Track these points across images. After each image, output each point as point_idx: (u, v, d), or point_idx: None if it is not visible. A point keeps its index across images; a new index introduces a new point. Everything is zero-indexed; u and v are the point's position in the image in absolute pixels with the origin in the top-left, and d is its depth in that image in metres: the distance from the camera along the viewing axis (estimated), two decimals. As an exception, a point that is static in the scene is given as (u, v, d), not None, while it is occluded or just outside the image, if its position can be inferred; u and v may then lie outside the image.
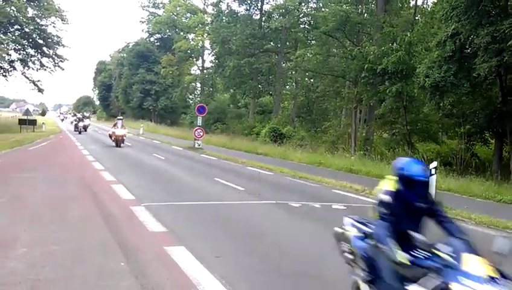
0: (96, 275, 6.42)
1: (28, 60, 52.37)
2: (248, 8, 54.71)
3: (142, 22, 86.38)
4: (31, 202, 11.75)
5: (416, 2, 38.56)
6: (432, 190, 13.43)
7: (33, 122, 51.60)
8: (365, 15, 37.72)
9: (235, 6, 54.97)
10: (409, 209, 4.42)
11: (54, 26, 52.60)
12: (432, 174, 13.63)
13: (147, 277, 6.39)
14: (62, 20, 52.36)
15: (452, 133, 29.92)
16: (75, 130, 53.28)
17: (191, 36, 75.01)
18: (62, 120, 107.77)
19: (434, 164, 14.06)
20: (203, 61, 75.21)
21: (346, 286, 6.46)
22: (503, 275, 3.77)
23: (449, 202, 13.32)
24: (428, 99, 23.22)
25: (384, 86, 27.66)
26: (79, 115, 58.96)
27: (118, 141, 32.76)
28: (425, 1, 40.92)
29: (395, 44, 27.58)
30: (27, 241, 7.94)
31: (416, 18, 35.80)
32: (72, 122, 73.82)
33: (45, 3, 50.34)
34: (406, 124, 28.43)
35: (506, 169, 21.33)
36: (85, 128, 53.38)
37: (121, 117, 37.88)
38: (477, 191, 16.19)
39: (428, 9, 35.86)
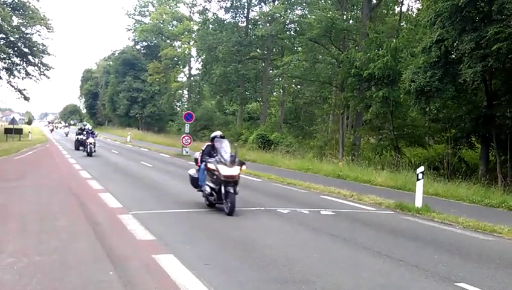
0: (85, 285, 6.37)
1: (14, 68, 52.04)
2: (234, 15, 54.83)
3: (128, 30, 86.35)
4: (17, 211, 11.64)
5: (401, 8, 38.97)
6: (419, 194, 13.55)
7: (19, 131, 51.22)
8: (351, 21, 37.95)
9: (221, 14, 55.15)
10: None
11: (39, 35, 52.35)
12: (418, 179, 13.73)
13: (136, 285, 6.35)
14: (47, 29, 52.09)
15: (439, 138, 30.14)
16: (78, 148, 35.30)
17: (177, 43, 74.97)
18: (51, 130, 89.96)
19: (421, 168, 14.15)
20: (190, 68, 75.33)
21: (334, 286, 6.48)
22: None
23: (436, 206, 13.46)
24: (413, 104, 23.36)
25: (370, 92, 27.84)
26: (88, 126, 35.69)
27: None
28: (410, 8, 41.33)
29: (381, 50, 27.77)
30: (14, 251, 7.86)
31: (402, 24, 36.09)
32: (66, 134, 69.12)
33: (30, 12, 50.05)
34: (393, 129, 28.59)
35: (493, 173, 21.52)
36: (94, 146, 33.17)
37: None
38: (464, 195, 16.34)
39: (413, 15, 36.15)
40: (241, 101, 55.10)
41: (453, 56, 20.59)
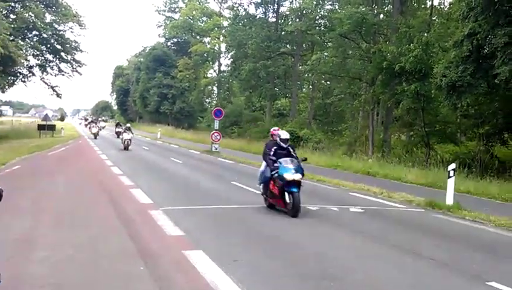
0: (116, 279, 6.50)
1: (47, 65, 52.77)
2: (264, 11, 54.83)
3: (159, 26, 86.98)
4: (51, 206, 11.89)
5: (432, 2, 38.40)
6: (450, 191, 13.37)
7: (52, 128, 52.03)
8: (381, 16, 37.57)
9: (251, 9, 55.22)
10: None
11: (71, 32, 53.01)
12: (450, 176, 13.55)
13: (166, 281, 6.44)
14: (80, 26, 52.75)
15: (471, 135, 29.61)
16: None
17: (207, 40, 75.27)
18: (96, 130, 54.07)
19: (452, 165, 13.95)
20: (219, 64, 75.62)
21: (362, 283, 6.47)
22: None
23: (467, 204, 13.26)
24: (444, 99, 23.00)
25: (401, 86, 27.52)
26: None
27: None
28: (442, 1, 40.68)
29: (412, 45, 27.44)
30: (48, 245, 8.06)
31: (433, 19, 35.58)
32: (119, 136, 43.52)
33: (63, 9, 50.76)
34: (424, 126, 28.21)
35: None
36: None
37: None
38: (496, 192, 16.03)
39: (445, 9, 35.62)
40: (270, 97, 55.06)
41: (486, 51, 20.18)
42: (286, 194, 11.31)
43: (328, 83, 48.51)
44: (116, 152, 31.35)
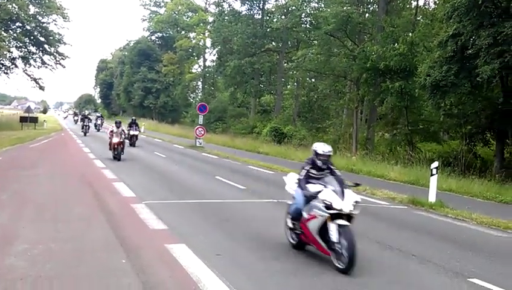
0: (98, 272, 6.44)
1: (30, 57, 52.38)
2: (250, 7, 54.74)
3: (144, 20, 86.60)
4: (32, 199, 11.77)
5: (417, 2, 38.56)
6: (433, 189, 13.48)
7: (34, 120, 51.63)
8: (366, 15, 37.69)
9: (236, 5, 55.09)
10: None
11: (55, 24, 52.74)
12: (432, 174, 13.65)
13: (148, 274, 6.40)
14: (63, 18, 52.41)
15: (454, 134, 29.87)
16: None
17: (192, 35, 75.04)
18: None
19: (435, 163, 14.09)
20: (205, 59, 75.36)
21: (344, 280, 6.50)
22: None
23: (450, 202, 13.36)
24: (428, 98, 23.16)
25: (386, 84, 27.65)
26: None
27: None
28: (427, 2, 40.89)
29: (396, 44, 27.58)
30: (28, 238, 7.96)
31: (418, 19, 35.77)
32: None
33: (47, 1, 50.38)
34: (408, 124, 28.41)
35: (508, 170, 21.30)
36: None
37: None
38: (478, 191, 16.19)
39: (430, 10, 35.82)
40: (255, 94, 55.07)
41: (470, 51, 20.34)
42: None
43: (313, 80, 48.61)
44: (99, 145, 31.10)
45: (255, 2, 54.14)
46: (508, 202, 15.01)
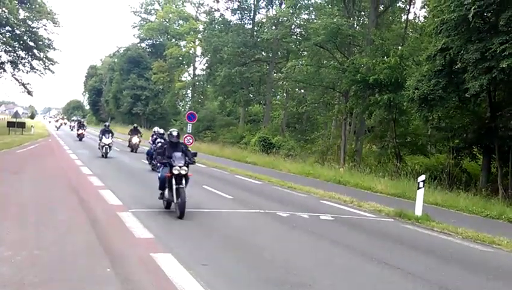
0: (82, 280, 6.38)
1: (18, 62, 52.11)
2: (240, 17, 54.93)
3: (134, 27, 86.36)
4: (17, 204, 11.64)
5: (407, 16, 38.88)
6: (419, 202, 13.52)
7: (22, 125, 51.22)
8: (356, 28, 37.92)
9: (227, 15, 55.21)
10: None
11: (45, 29, 52.47)
12: (419, 188, 13.70)
13: (133, 283, 6.35)
14: (54, 23, 52.21)
15: (441, 147, 30.07)
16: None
17: (182, 43, 75.05)
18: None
19: (422, 177, 14.14)
20: (194, 68, 75.43)
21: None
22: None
23: (436, 215, 13.44)
24: (416, 111, 23.32)
25: (375, 97, 27.81)
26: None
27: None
28: (417, 16, 41.25)
29: (386, 57, 27.78)
30: (11, 244, 7.86)
31: (408, 33, 36.05)
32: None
33: (37, 6, 50.18)
34: (395, 137, 28.57)
35: (494, 184, 21.45)
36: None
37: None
38: (464, 205, 16.28)
39: (419, 23, 36.13)
40: (244, 104, 55.12)
41: (458, 65, 20.51)
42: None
43: (302, 91, 48.77)
44: (86, 152, 30.91)
45: (245, 12, 54.35)
46: (494, 217, 15.09)
